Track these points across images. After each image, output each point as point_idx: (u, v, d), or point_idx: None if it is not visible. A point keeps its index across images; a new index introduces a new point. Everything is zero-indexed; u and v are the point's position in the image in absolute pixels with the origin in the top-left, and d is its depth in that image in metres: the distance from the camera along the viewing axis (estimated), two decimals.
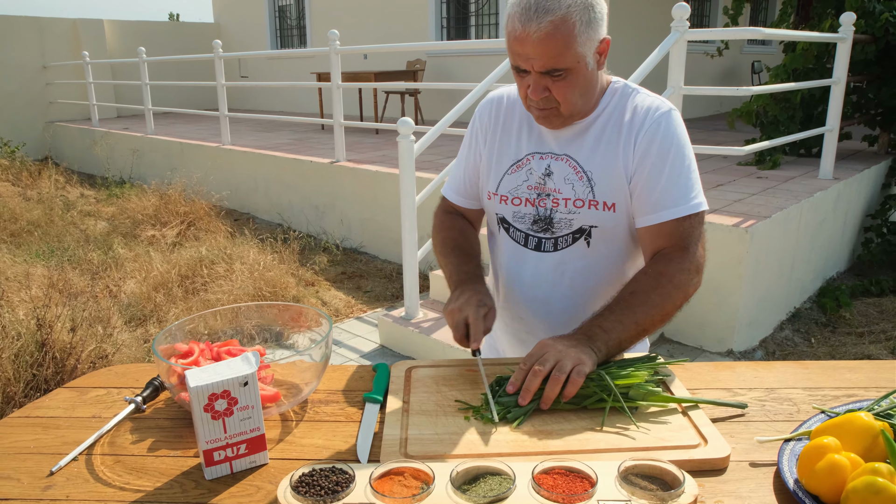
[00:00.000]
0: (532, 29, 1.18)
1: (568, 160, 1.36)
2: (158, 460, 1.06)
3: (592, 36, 1.22)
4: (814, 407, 1.09)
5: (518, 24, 1.19)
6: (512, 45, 1.23)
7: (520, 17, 1.19)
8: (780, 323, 4.06)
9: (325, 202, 6.07)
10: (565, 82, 1.24)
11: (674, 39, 3.56)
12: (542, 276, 1.42)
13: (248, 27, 12.47)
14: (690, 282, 1.28)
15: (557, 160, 1.37)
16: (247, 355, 1.04)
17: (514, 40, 1.21)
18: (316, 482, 0.86)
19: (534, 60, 1.21)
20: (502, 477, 0.84)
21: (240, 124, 9.76)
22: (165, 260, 4.69)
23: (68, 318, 3.51)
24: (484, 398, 1.14)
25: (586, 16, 1.19)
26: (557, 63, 1.20)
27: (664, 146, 1.29)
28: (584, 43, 1.21)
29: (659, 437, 1.01)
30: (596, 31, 1.22)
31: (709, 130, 7.62)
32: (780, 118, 5.57)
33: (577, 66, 1.22)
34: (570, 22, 1.17)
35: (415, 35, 9.28)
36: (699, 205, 1.30)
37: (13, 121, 10.92)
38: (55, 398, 1.29)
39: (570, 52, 1.20)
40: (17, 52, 10.94)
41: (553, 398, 1.09)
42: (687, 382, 1.21)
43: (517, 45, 1.21)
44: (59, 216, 6.34)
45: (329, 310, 4.49)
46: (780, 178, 4.81)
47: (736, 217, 3.62)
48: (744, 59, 10.60)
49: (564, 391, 1.09)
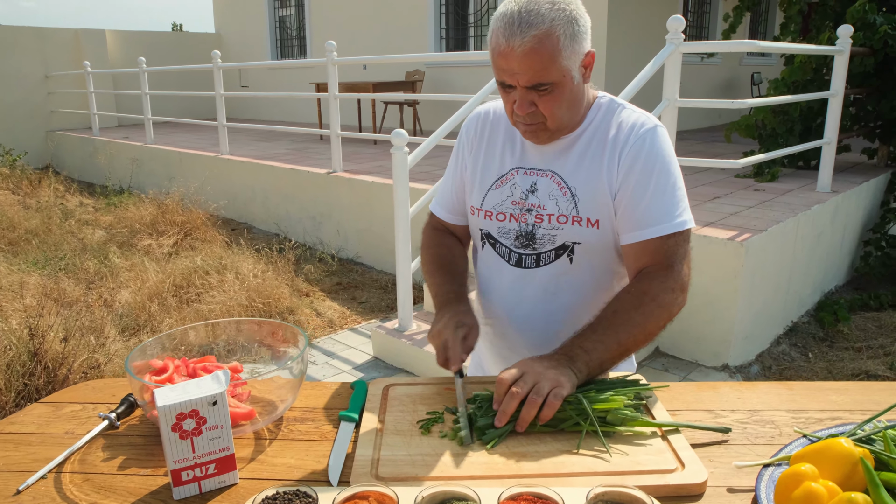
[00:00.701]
0: (516, 44, 1.17)
1: (553, 176, 1.35)
2: (128, 479, 1.04)
3: (577, 49, 1.21)
4: (795, 430, 1.07)
5: (502, 39, 1.19)
6: (496, 60, 1.22)
7: (503, 31, 1.18)
8: (776, 337, 4.03)
9: (322, 212, 6.06)
10: (551, 97, 1.23)
11: (668, 52, 3.55)
12: (524, 292, 1.40)
13: (248, 38, 12.52)
14: (675, 301, 1.26)
15: (543, 176, 1.36)
16: (217, 374, 1.02)
17: (499, 55, 1.21)
18: None
19: (519, 75, 1.20)
20: (469, 502, 0.82)
21: (239, 134, 9.78)
22: (160, 269, 4.68)
23: (61, 328, 3.49)
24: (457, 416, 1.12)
25: (570, 29, 1.19)
26: (543, 77, 1.20)
27: (648, 163, 1.28)
28: (569, 56, 1.20)
29: (635, 460, 0.99)
30: (580, 45, 1.22)
31: (706, 142, 7.62)
32: (778, 131, 5.56)
33: (563, 80, 1.21)
34: (555, 36, 1.17)
35: (414, 46, 9.31)
36: (684, 223, 1.28)
37: (15, 130, 10.96)
38: (30, 413, 1.27)
39: (556, 67, 1.19)
40: (19, 62, 11.00)
41: (529, 420, 1.07)
42: (668, 403, 1.19)
43: (502, 61, 1.21)
44: (57, 225, 6.34)
45: (323, 320, 4.47)
46: (778, 190, 4.79)
47: (731, 230, 3.60)
48: (743, 71, 10.62)
49: (541, 414, 1.08)
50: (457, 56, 5.63)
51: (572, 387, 1.12)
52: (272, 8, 12.04)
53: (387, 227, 5.26)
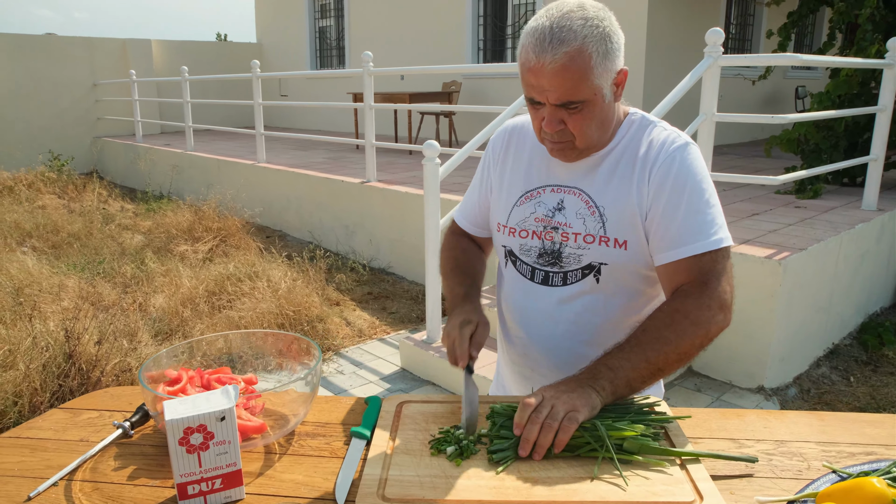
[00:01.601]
0: (547, 60, 1.14)
1: (580, 194, 1.32)
2: (136, 489, 1.03)
3: (609, 67, 1.18)
4: (824, 465, 1.01)
5: (532, 56, 1.16)
6: (526, 76, 1.19)
7: (534, 47, 1.15)
8: (816, 359, 3.90)
9: (355, 222, 6.09)
10: (581, 115, 1.20)
11: (706, 65, 3.48)
12: (547, 311, 1.37)
13: (289, 48, 12.72)
14: (712, 319, 1.19)
15: (570, 193, 1.33)
16: (227, 388, 1.01)
17: (528, 72, 1.18)
18: None
19: (548, 93, 1.17)
20: None
21: (278, 142, 9.92)
22: (194, 275, 4.75)
23: (96, 331, 3.56)
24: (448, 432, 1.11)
25: (603, 47, 1.16)
26: (573, 96, 1.17)
27: (679, 181, 1.24)
28: (601, 75, 1.17)
29: (651, 490, 0.95)
30: (613, 63, 1.18)
31: (746, 157, 7.45)
32: (822, 146, 5.40)
33: (594, 98, 1.18)
34: (587, 53, 1.14)
35: (452, 57, 9.34)
36: (720, 241, 1.22)
37: (64, 136, 11.31)
38: (48, 419, 1.28)
39: (587, 85, 1.16)
40: (70, 70, 11.36)
41: (546, 447, 1.04)
42: (690, 431, 1.14)
43: (531, 77, 1.18)
44: (97, 229, 6.50)
45: (352, 330, 4.47)
46: (820, 208, 4.65)
47: (769, 248, 3.50)
48: (787, 85, 10.38)
49: (556, 439, 1.04)
50: (493, 67, 5.62)
51: (591, 410, 1.09)
52: (312, 18, 12.22)
53: (419, 237, 5.26)
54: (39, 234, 6.11)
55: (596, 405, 1.10)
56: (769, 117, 3.52)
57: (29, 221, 6.33)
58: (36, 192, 8.27)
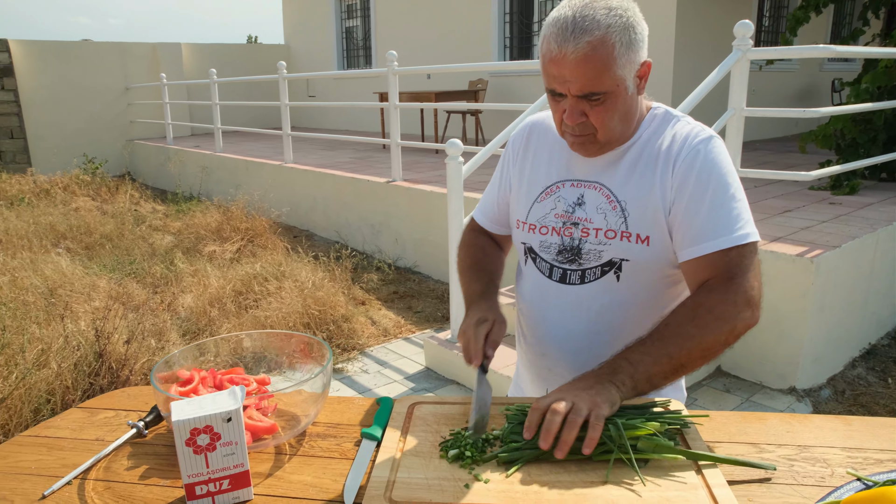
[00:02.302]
0: (569, 50, 1.12)
1: (601, 188, 1.29)
2: (147, 489, 1.04)
3: (633, 58, 1.15)
4: (848, 472, 0.97)
5: (554, 45, 1.14)
6: (547, 66, 1.17)
7: (556, 37, 1.14)
8: (851, 360, 3.79)
9: (381, 221, 6.10)
10: (603, 107, 1.17)
11: (735, 59, 3.41)
12: (566, 309, 1.34)
13: (316, 49, 12.81)
14: (737, 314, 1.15)
15: (590, 188, 1.30)
16: (233, 389, 1.01)
17: (550, 62, 1.16)
18: None
19: (570, 83, 1.15)
20: None
21: (304, 143, 10.00)
22: (222, 275, 4.80)
23: (125, 330, 3.62)
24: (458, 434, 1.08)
25: (626, 37, 1.13)
26: (595, 87, 1.14)
27: (703, 175, 1.20)
28: (624, 65, 1.14)
29: (664, 496, 0.92)
30: (636, 54, 1.16)
31: (779, 153, 7.29)
32: (859, 140, 5.25)
33: (617, 89, 1.16)
34: (610, 43, 1.12)
35: (478, 55, 9.31)
36: (745, 236, 1.18)
37: (98, 139, 11.56)
38: (66, 418, 1.30)
39: (609, 75, 1.14)
40: (102, 75, 11.60)
41: (570, 443, 1.00)
42: (709, 434, 1.11)
43: (553, 67, 1.16)
44: (129, 230, 6.62)
45: (378, 329, 4.48)
46: (856, 204, 4.52)
47: (801, 246, 3.41)
48: (823, 77, 10.13)
49: (587, 437, 1.00)
50: (520, 65, 5.56)
51: (611, 407, 1.06)
52: (339, 19, 12.29)
53: (444, 236, 5.24)
54: (73, 236, 6.24)
55: (616, 402, 1.07)
56: (800, 111, 3.43)
57: (63, 223, 6.47)
58: (71, 195, 8.45)
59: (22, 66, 10.77)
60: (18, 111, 10.76)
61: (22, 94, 10.81)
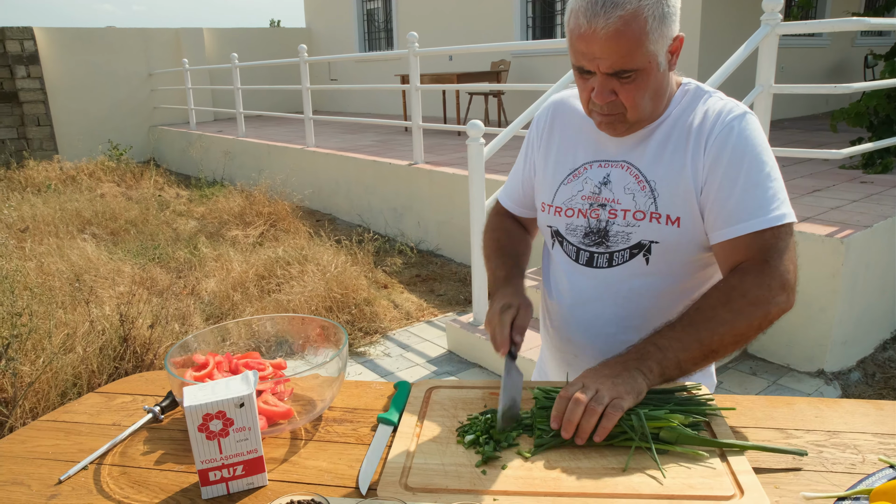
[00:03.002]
0: (599, 25, 1.06)
1: (629, 167, 1.23)
2: (162, 475, 1.04)
3: (665, 33, 1.09)
4: (880, 459, 0.93)
5: (583, 20, 1.07)
6: (575, 43, 1.11)
7: (585, 12, 1.07)
8: (882, 342, 3.70)
9: (403, 204, 6.09)
10: (634, 85, 1.12)
11: (763, 34, 3.30)
12: (593, 294, 1.30)
13: (337, 31, 12.77)
14: (772, 299, 1.11)
15: (616, 167, 1.25)
16: (246, 374, 1.00)
17: (578, 38, 1.10)
18: None
19: (600, 60, 1.09)
20: None
21: (327, 126, 9.99)
22: (245, 260, 4.83)
23: (149, 315, 3.66)
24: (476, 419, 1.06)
25: (659, 10, 1.07)
26: (626, 63, 1.09)
27: (737, 153, 1.15)
28: (657, 41, 1.08)
29: (688, 483, 0.89)
30: (669, 28, 1.10)
31: (810, 131, 7.11)
32: (893, 118, 5.08)
33: (648, 66, 1.10)
34: (642, 17, 1.05)
35: (500, 35, 9.20)
36: (781, 217, 1.13)
37: (122, 126, 11.68)
38: (84, 403, 1.30)
39: (641, 51, 1.08)
40: (126, 62, 11.69)
41: (588, 431, 0.99)
42: (734, 419, 1.07)
43: (581, 44, 1.10)
44: (153, 216, 6.68)
45: (400, 312, 4.48)
46: (889, 183, 4.40)
47: (831, 226, 3.32)
48: (856, 53, 9.84)
49: (599, 426, 0.99)
50: (542, 44, 5.43)
51: (637, 396, 1.03)
52: (360, 1, 12.22)
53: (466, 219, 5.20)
54: (99, 222, 6.32)
55: (642, 390, 1.04)
56: (831, 87, 3.32)
57: (89, 209, 6.55)
58: (96, 181, 8.56)
59: (47, 54, 10.89)
60: (44, 99, 10.89)
61: (47, 81, 10.93)
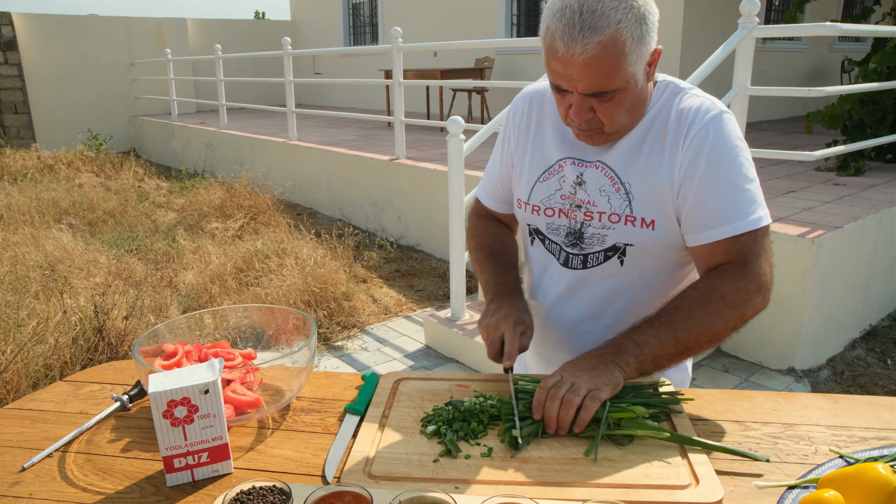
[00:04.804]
0: (577, 51, 1.04)
1: (603, 168, 1.23)
2: (127, 462, 1.04)
3: (644, 51, 1.08)
4: (831, 450, 0.96)
5: (560, 44, 1.05)
6: (552, 63, 1.09)
7: (562, 35, 1.05)
8: (851, 341, 3.77)
9: (384, 199, 6.08)
10: (612, 103, 1.11)
11: (740, 36, 3.35)
12: (569, 292, 1.31)
13: (322, 25, 12.70)
14: (749, 301, 1.13)
15: (590, 167, 1.24)
16: (212, 362, 1.00)
17: (556, 60, 1.08)
18: (251, 501, 0.81)
19: (577, 82, 1.08)
20: None
21: (310, 120, 9.94)
22: (223, 252, 4.80)
23: (125, 306, 3.63)
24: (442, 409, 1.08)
25: (638, 31, 1.05)
26: (605, 86, 1.08)
27: (715, 155, 1.14)
28: (635, 61, 1.07)
29: (645, 473, 0.91)
30: (648, 45, 1.08)
31: (786, 134, 7.21)
32: (867, 121, 5.17)
33: (627, 86, 1.09)
34: (621, 40, 1.03)
35: (485, 32, 9.21)
36: (759, 220, 1.14)
37: (103, 115, 11.53)
38: (52, 391, 1.29)
39: (620, 74, 1.07)
40: (107, 50, 11.55)
41: (567, 423, 1.01)
42: (695, 411, 1.10)
43: (558, 66, 1.08)
44: (132, 207, 6.62)
45: (378, 307, 4.48)
46: (861, 185, 4.47)
47: (803, 227, 3.38)
48: (833, 58, 9.99)
49: (578, 417, 1.01)
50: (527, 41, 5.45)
51: (613, 388, 1.05)
52: None
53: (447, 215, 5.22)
54: (76, 212, 6.25)
55: (619, 383, 1.06)
56: (805, 90, 3.37)
57: (66, 199, 6.47)
58: (75, 171, 8.45)
59: (26, 40, 10.72)
60: (22, 86, 10.73)
61: (26, 68, 10.77)
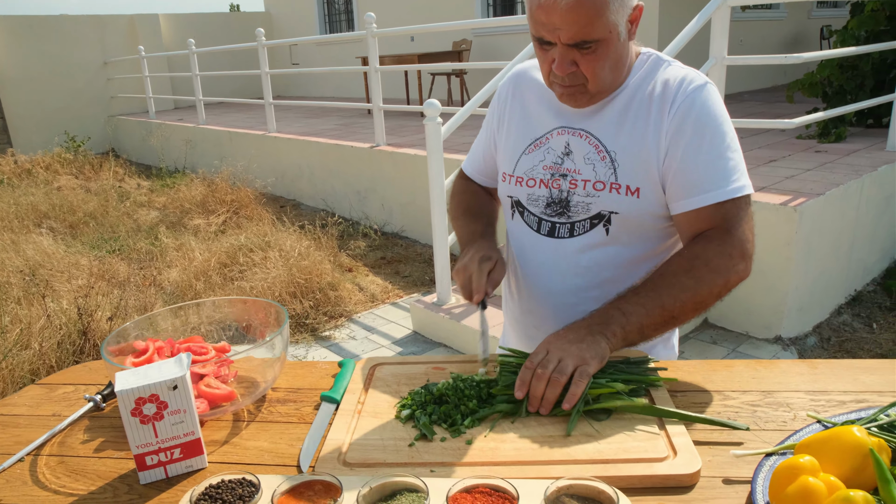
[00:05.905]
0: None
1: (588, 137, 1.24)
2: (100, 462, 1.02)
3: (625, 2, 1.09)
4: (809, 415, 0.95)
5: None
6: (535, 13, 1.10)
7: None
8: (837, 307, 3.79)
9: (367, 187, 6.04)
10: (595, 55, 1.11)
11: (716, 5, 3.33)
12: (554, 264, 1.30)
13: (297, 15, 12.56)
14: (732, 267, 1.13)
15: (576, 136, 1.25)
16: (180, 357, 0.98)
17: (539, 8, 1.09)
18: (220, 495, 0.80)
19: (560, 31, 1.09)
20: (418, 495, 0.76)
21: (290, 111, 9.85)
22: (206, 248, 4.76)
23: (108, 307, 3.59)
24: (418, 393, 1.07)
25: None
26: (587, 34, 1.08)
27: (699, 124, 1.16)
28: (617, 10, 1.08)
29: (622, 447, 0.90)
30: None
31: (768, 103, 7.21)
32: (847, 87, 5.17)
33: (609, 36, 1.10)
34: None
35: (461, 14, 9.13)
36: (741, 188, 1.15)
37: (80, 117, 11.36)
38: (24, 395, 1.27)
39: (602, 22, 1.07)
40: (80, 50, 11.36)
41: (553, 401, 1.00)
42: (674, 383, 1.09)
43: (541, 14, 1.09)
44: (113, 207, 6.55)
45: (365, 295, 4.46)
46: (842, 151, 4.48)
47: (785, 195, 3.38)
48: (812, 25, 9.98)
49: (569, 393, 1.00)
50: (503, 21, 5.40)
51: (600, 360, 1.05)
52: None
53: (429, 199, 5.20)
54: (56, 215, 6.17)
55: (605, 355, 1.06)
56: (781, 57, 3.36)
57: (45, 203, 6.39)
58: (53, 174, 8.35)
59: None
60: None
61: None
